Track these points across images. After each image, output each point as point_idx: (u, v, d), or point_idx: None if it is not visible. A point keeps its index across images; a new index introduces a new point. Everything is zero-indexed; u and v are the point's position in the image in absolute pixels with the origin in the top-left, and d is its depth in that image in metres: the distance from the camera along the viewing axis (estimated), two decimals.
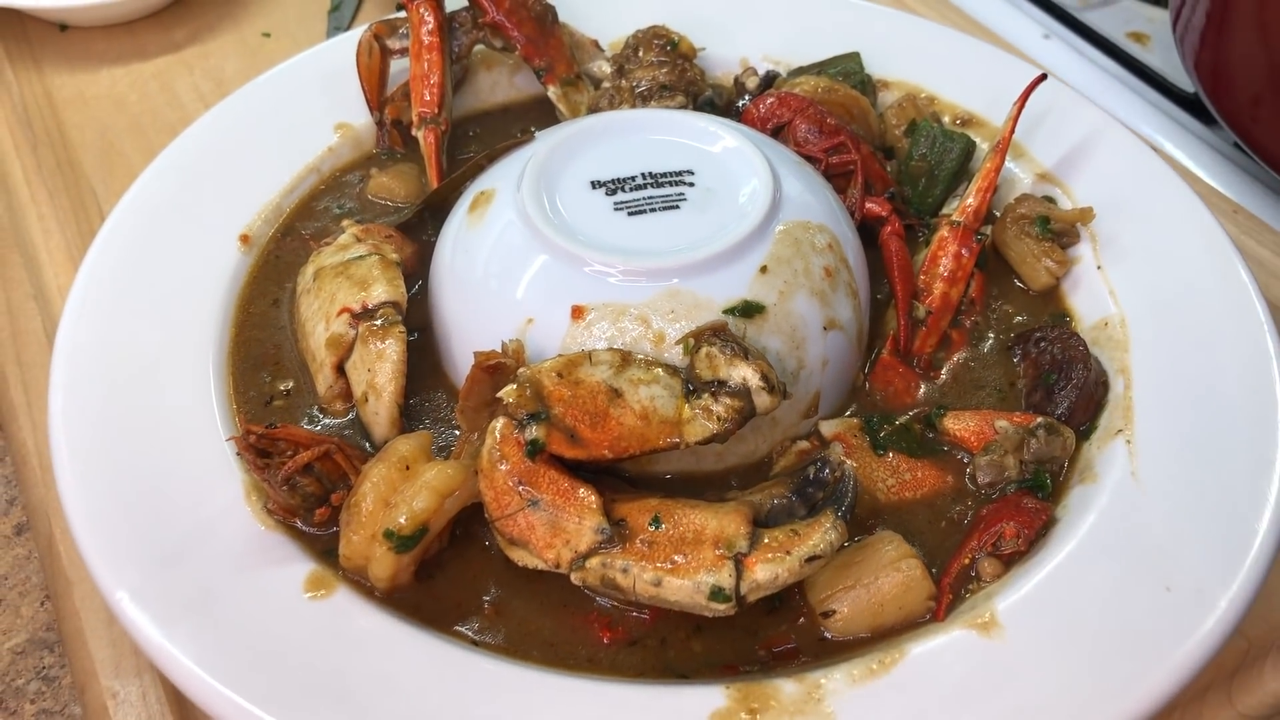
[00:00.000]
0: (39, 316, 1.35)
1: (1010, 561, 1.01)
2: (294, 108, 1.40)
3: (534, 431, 0.95)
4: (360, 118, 1.42)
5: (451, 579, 1.01)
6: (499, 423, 0.96)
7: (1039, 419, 1.09)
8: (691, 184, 1.14)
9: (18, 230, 1.46)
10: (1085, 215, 1.27)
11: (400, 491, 0.97)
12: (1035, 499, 1.05)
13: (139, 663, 1.05)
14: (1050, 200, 1.30)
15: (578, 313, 1.06)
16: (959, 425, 1.11)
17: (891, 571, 0.98)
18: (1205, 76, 1.53)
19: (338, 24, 1.77)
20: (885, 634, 0.97)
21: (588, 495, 0.95)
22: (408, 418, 1.11)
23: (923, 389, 1.18)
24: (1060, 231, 1.27)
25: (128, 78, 1.67)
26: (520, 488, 0.95)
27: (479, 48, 1.42)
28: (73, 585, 1.10)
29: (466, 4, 1.42)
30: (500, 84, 1.50)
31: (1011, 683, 0.90)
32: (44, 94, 1.64)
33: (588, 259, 1.07)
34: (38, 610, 1.18)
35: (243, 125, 1.37)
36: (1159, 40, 1.84)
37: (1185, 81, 1.72)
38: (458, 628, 0.98)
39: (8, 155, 1.56)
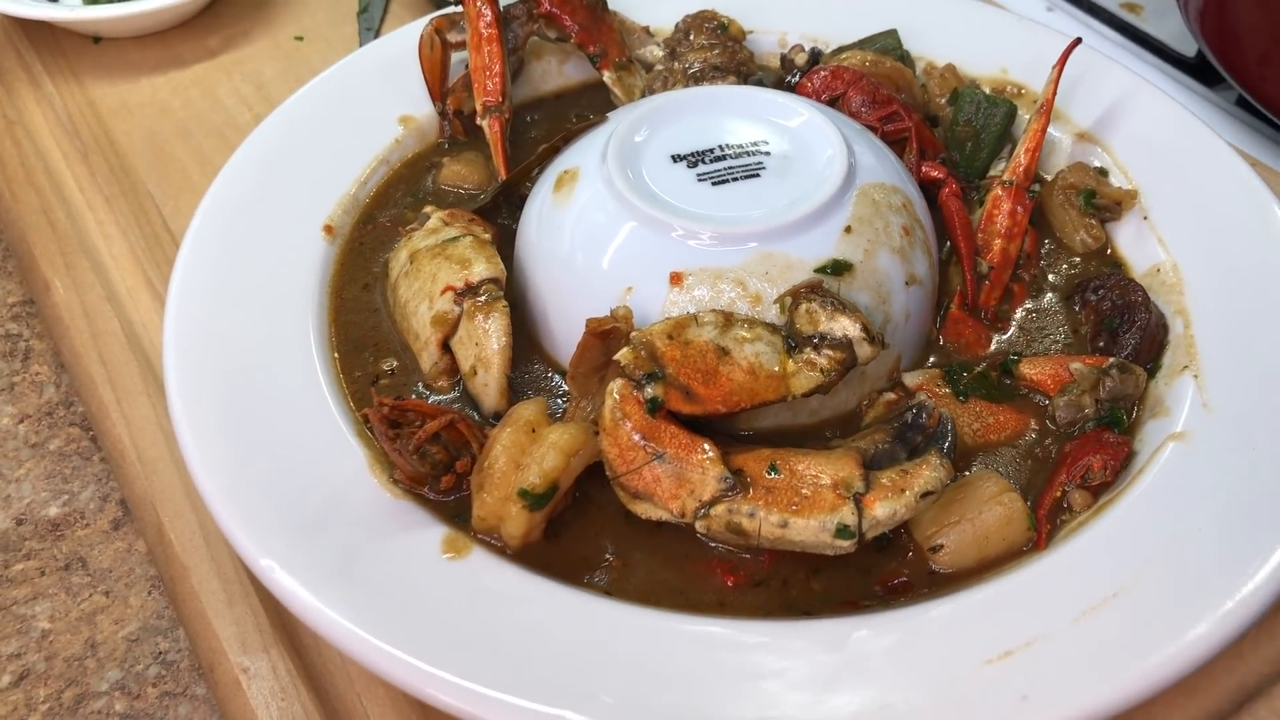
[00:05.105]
0: (115, 318, 1.37)
1: (1099, 492, 1.08)
2: (357, 104, 1.44)
3: (653, 390, 1.00)
4: (420, 110, 1.46)
5: (576, 536, 1.06)
6: (618, 383, 1.01)
7: (1111, 359, 1.15)
8: (768, 153, 1.19)
9: (80, 237, 1.47)
10: (1129, 198, 1.33)
11: (529, 453, 1.01)
12: (1114, 434, 1.11)
13: (264, 639, 1.08)
14: (1102, 172, 1.36)
15: (677, 279, 1.10)
16: (1034, 370, 1.17)
17: (994, 505, 1.03)
18: (1211, 36, 1.61)
19: (368, 25, 1.80)
20: (991, 564, 1.03)
21: (709, 448, 1.00)
22: (510, 390, 1.15)
23: (994, 340, 1.24)
24: (1103, 206, 1.33)
25: (168, 85, 1.69)
26: (644, 443, 1.00)
27: (531, 39, 1.47)
28: (188, 570, 1.14)
29: None
30: (550, 72, 1.55)
31: (1121, 599, 0.96)
32: (87, 104, 1.66)
33: (681, 227, 1.12)
34: (146, 599, 1.20)
35: (311, 123, 1.40)
36: (1150, 9, 1.93)
37: (1183, 46, 1.80)
38: (589, 580, 1.02)
39: (58, 166, 1.57)
